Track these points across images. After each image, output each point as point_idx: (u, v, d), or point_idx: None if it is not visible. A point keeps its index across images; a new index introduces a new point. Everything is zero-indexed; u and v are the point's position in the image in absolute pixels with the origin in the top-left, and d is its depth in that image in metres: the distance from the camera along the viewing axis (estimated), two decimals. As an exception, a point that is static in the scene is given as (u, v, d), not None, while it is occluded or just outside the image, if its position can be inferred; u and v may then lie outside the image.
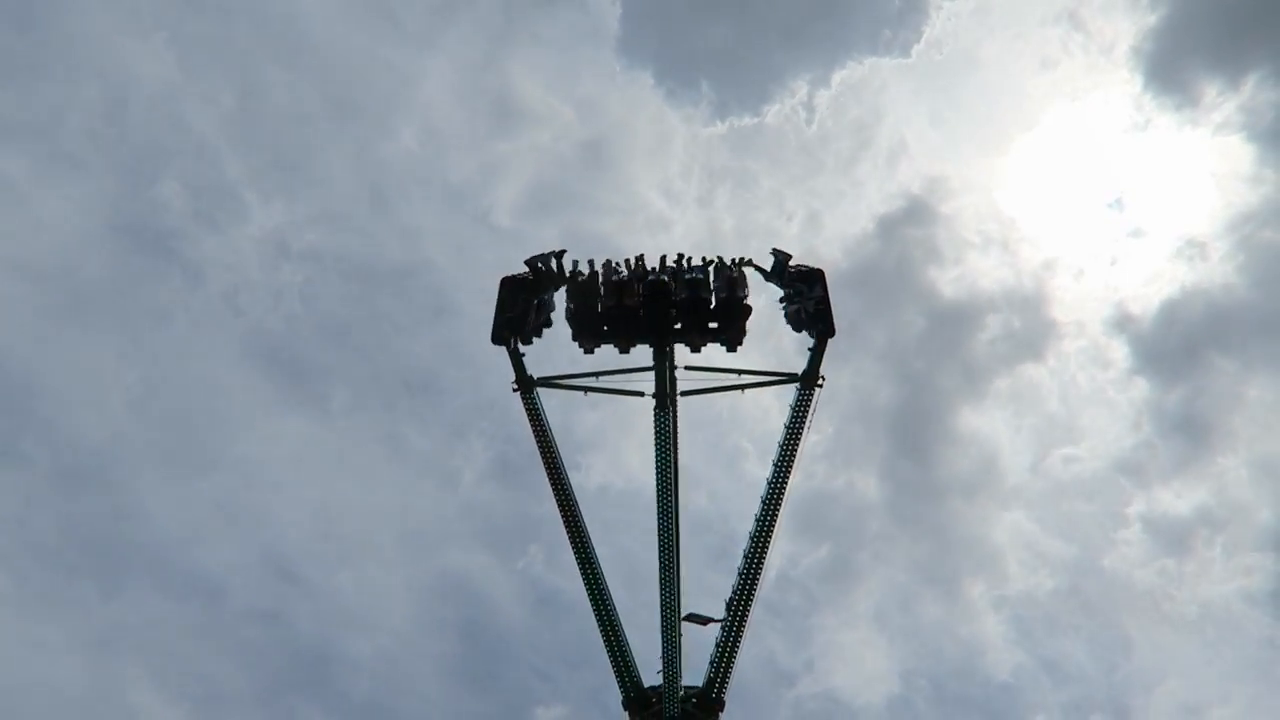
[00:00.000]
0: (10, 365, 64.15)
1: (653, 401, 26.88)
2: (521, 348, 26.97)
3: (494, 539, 70.32)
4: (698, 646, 26.29)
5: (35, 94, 68.43)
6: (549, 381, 27.28)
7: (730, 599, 25.72)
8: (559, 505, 26.59)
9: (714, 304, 26.97)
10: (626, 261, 27.91)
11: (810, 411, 25.68)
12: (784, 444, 25.91)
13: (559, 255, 28.35)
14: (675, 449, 27.22)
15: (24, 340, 65.61)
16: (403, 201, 76.77)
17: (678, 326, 27.10)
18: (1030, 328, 72.81)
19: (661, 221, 77.01)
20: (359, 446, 71.95)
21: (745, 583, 25.46)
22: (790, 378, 26.33)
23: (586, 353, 27.21)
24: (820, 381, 26.07)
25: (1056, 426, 74.19)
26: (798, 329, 26.23)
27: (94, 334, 68.27)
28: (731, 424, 65.67)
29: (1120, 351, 73.30)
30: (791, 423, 25.98)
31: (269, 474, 69.80)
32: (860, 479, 71.43)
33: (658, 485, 26.88)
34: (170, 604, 63.79)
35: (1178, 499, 69.53)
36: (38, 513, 62.99)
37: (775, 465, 25.77)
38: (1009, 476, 72.70)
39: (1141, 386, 72.23)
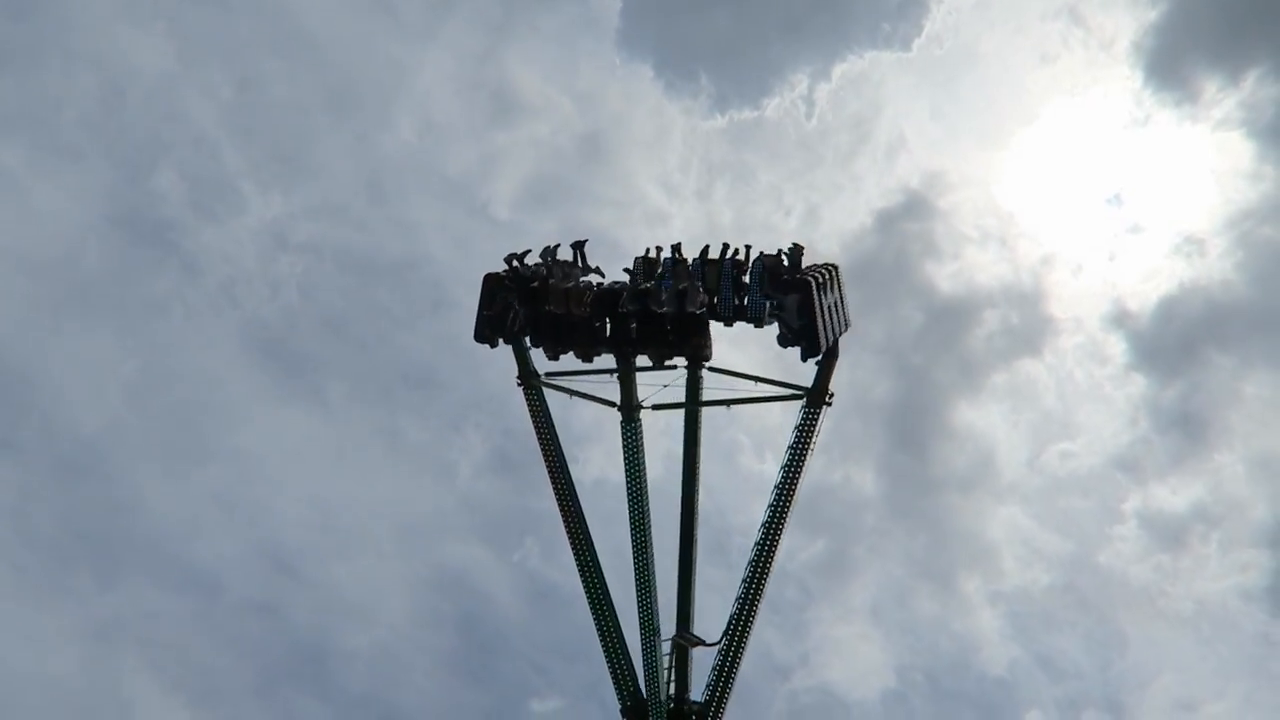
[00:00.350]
0: (7, 357, 62.67)
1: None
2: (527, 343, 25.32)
3: (491, 532, 68.35)
4: (701, 657, 24.71)
5: (32, 84, 66.45)
6: (554, 377, 25.72)
7: (729, 623, 23.74)
8: (560, 506, 25.24)
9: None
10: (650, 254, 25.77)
11: (816, 431, 23.36)
12: (787, 465, 23.59)
13: (580, 244, 26.37)
14: (696, 447, 25.51)
15: (21, 332, 63.95)
16: (401, 194, 74.87)
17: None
18: (1028, 323, 70.95)
19: (660, 215, 75.09)
20: (356, 439, 70.18)
21: (744, 608, 23.54)
22: (796, 394, 23.85)
23: (551, 358, 24.89)
24: (829, 399, 23.54)
25: (1053, 422, 72.32)
26: (783, 345, 23.11)
27: (91, 325, 66.63)
28: (729, 417, 63.43)
29: (1118, 347, 71.25)
30: (796, 443, 23.66)
31: (266, 467, 68.10)
32: (857, 473, 69.34)
33: (629, 502, 25.18)
34: (167, 596, 62.53)
35: (1174, 495, 67.70)
36: (35, 504, 61.61)
37: (777, 489, 23.55)
38: (1005, 472, 70.87)
39: (1139, 383, 70.30)
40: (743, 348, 26.33)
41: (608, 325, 24.10)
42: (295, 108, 74.23)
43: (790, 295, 22.60)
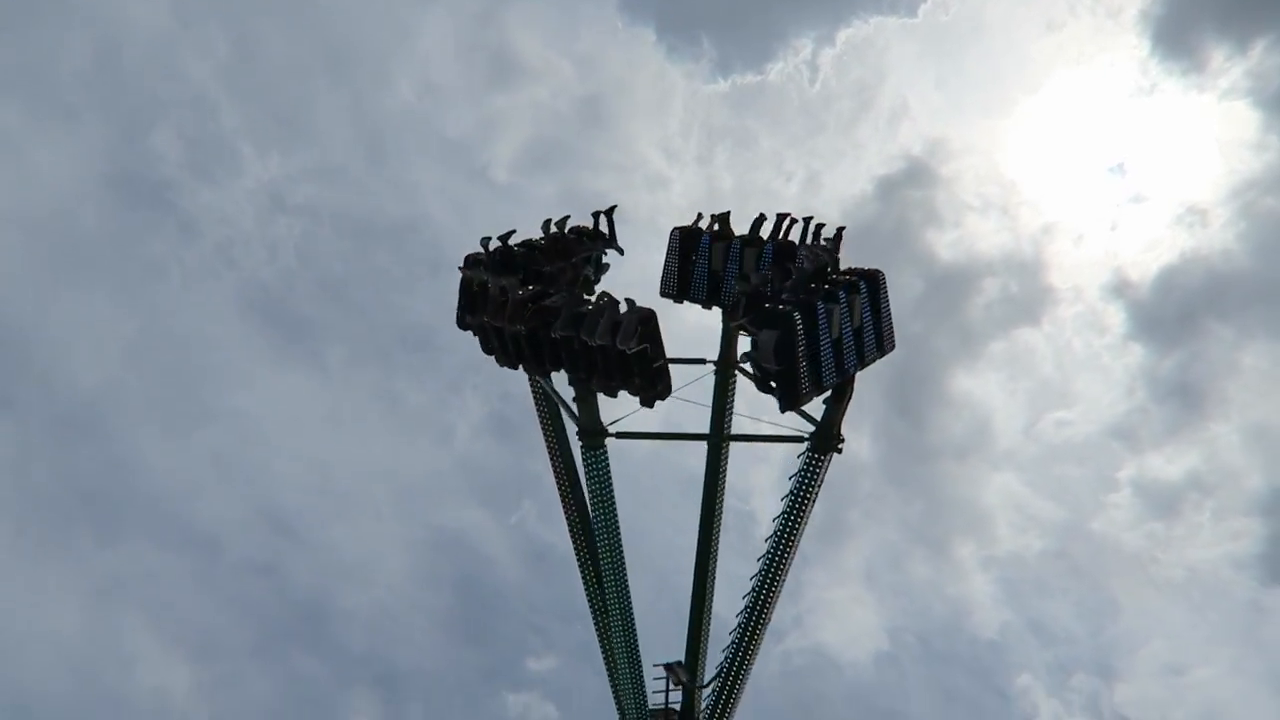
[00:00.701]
0: (6, 316, 60.55)
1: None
2: None
3: (488, 495, 66.48)
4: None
5: (28, 42, 63.51)
6: None
7: (721, 668, 21.64)
8: (563, 501, 23.23)
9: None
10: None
11: (820, 481, 19.88)
12: (785, 516, 20.29)
13: (609, 212, 23.80)
14: (719, 477, 22.82)
15: (18, 291, 61.83)
16: (399, 156, 72.07)
17: None
18: (1027, 292, 68.71)
19: (660, 180, 72.24)
20: (355, 402, 68.10)
21: (738, 654, 21.20)
22: (797, 436, 20.03)
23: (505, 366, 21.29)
24: (839, 446, 19.87)
25: (1050, 391, 70.24)
26: (761, 389, 18.86)
27: (88, 286, 64.32)
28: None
29: (1117, 317, 68.97)
30: (797, 490, 20.10)
31: (265, 429, 66.01)
32: (854, 438, 66.98)
33: (600, 535, 22.21)
34: (167, 554, 61.12)
35: (1169, 464, 66.05)
36: (35, 463, 59.95)
37: (774, 539, 20.45)
38: (1001, 439, 69.19)
39: (1137, 352, 68.40)
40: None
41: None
42: (293, 68, 71.38)
43: (765, 331, 17.81)
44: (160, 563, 60.05)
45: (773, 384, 18.07)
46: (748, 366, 18.83)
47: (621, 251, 24.49)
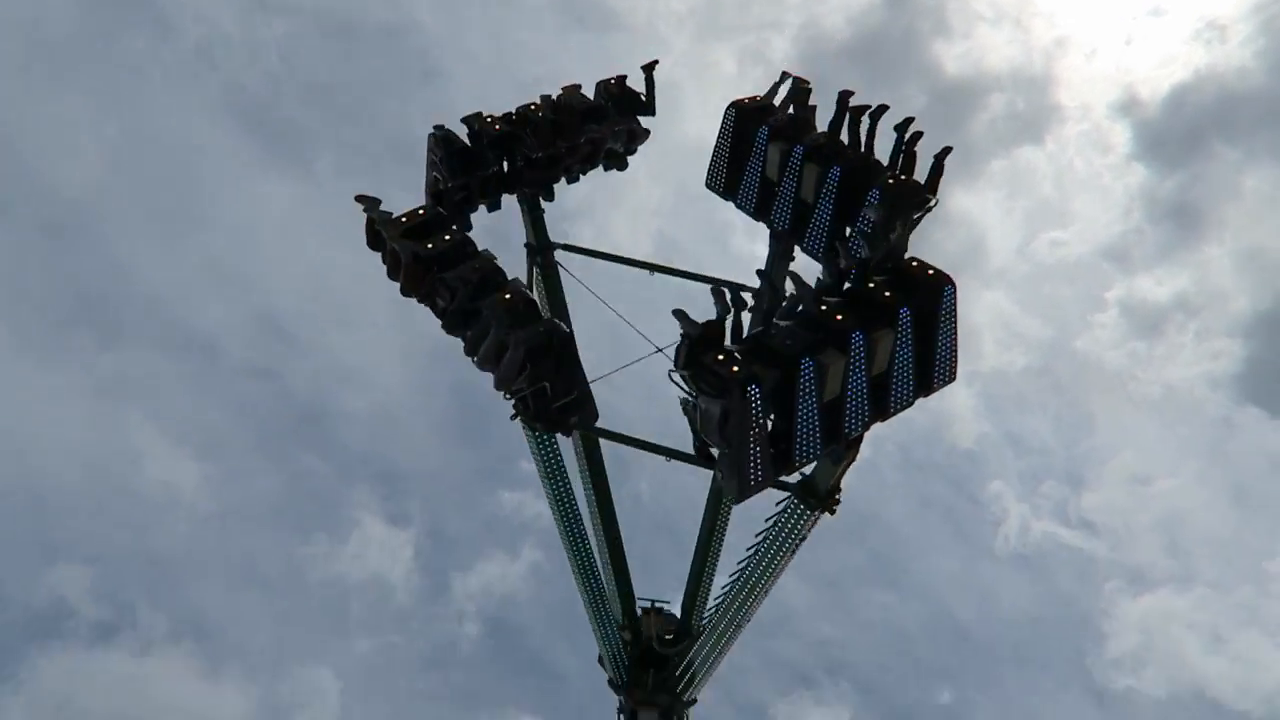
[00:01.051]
0: (-14, 121, 56.77)
1: None
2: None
3: (483, 304, 65.23)
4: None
5: None
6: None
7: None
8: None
9: None
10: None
11: (803, 536, 16.53)
12: (755, 557, 17.28)
13: (648, 68, 19.57)
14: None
15: (-3, 95, 57.45)
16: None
17: None
18: (1033, 109, 65.71)
19: (656, -15, 66.25)
20: (347, 211, 65.16)
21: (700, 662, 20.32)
22: (781, 485, 15.86)
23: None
24: (833, 506, 15.98)
25: (1048, 210, 68.74)
26: (701, 463, 15.41)
27: (67, 87, 60.32)
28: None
29: (1122, 136, 67.36)
30: (769, 541, 16.85)
31: (257, 236, 64.50)
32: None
33: (562, 526, 20.19)
34: (166, 357, 61.66)
35: (1158, 285, 66.31)
36: (28, 266, 59.07)
37: (735, 585, 17.97)
38: (994, 258, 67.95)
39: (1139, 173, 66.51)
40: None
41: None
42: None
43: (705, 398, 12.82)
44: (160, 365, 60.55)
45: (714, 459, 13.97)
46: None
47: (647, 133, 20.42)
